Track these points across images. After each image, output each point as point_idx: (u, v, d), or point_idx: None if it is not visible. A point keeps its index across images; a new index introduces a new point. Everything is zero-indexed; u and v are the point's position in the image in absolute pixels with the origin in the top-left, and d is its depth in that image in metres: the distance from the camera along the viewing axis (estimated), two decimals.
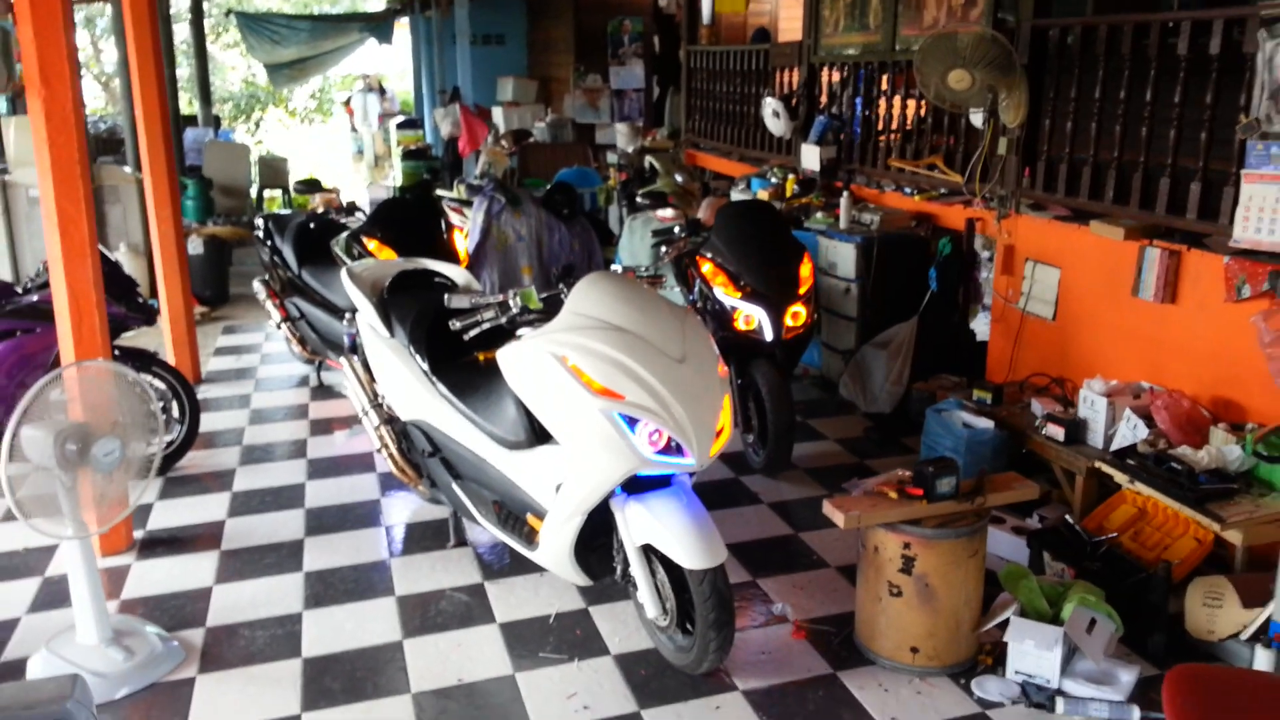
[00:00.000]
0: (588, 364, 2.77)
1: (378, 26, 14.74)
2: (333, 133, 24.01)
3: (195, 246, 7.52)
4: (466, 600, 3.50)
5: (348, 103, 20.41)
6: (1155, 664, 3.11)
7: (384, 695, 2.98)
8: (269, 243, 5.83)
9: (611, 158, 9.46)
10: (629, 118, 11.01)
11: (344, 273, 3.90)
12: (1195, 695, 2.06)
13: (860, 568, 3.18)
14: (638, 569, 2.97)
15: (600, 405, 2.74)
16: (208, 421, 5.12)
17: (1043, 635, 2.92)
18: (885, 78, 5.78)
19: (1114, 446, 3.75)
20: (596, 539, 3.06)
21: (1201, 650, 3.13)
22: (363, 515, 4.18)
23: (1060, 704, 2.87)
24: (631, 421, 2.74)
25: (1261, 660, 2.88)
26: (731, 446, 4.71)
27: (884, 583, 3.06)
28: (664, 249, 4.76)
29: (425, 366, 3.45)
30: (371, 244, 5.15)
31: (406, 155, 12.34)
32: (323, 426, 5.17)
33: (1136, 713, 2.82)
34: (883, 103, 5.83)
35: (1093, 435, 3.88)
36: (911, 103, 5.65)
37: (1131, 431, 3.73)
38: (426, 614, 3.42)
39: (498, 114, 11.87)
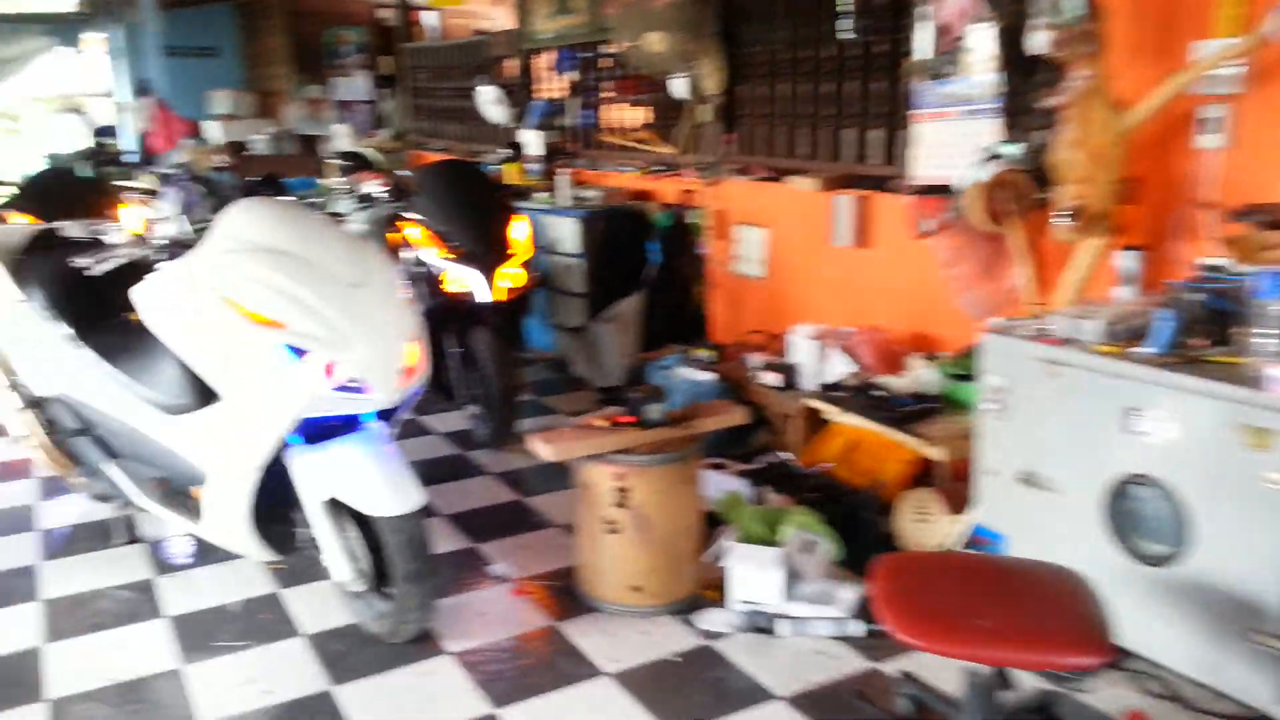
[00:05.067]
0: (240, 290, 2.42)
1: (64, 30, 13.24)
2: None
3: None
4: (130, 598, 3.01)
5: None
6: None
7: (11, 707, 2.48)
8: None
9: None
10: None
11: None
12: (895, 571, 2.12)
13: (577, 511, 3.00)
14: (322, 526, 2.63)
15: (259, 336, 2.41)
16: None
17: (761, 558, 2.85)
18: (597, 61, 5.75)
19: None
20: (280, 507, 2.69)
21: None
22: (8, 522, 3.56)
23: (785, 626, 2.80)
24: (299, 353, 2.42)
25: None
26: (460, 423, 4.47)
27: (599, 520, 2.89)
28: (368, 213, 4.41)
29: (68, 331, 2.96)
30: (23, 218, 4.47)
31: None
32: None
33: (860, 626, 2.80)
34: (600, 86, 5.80)
35: (805, 378, 3.93)
36: (629, 82, 5.63)
37: (838, 369, 3.80)
38: (78, 616, 2.91)
39: (215, 128, 11.04)
